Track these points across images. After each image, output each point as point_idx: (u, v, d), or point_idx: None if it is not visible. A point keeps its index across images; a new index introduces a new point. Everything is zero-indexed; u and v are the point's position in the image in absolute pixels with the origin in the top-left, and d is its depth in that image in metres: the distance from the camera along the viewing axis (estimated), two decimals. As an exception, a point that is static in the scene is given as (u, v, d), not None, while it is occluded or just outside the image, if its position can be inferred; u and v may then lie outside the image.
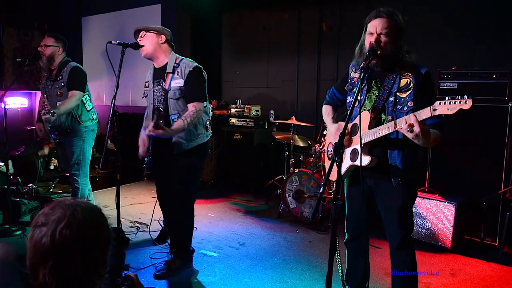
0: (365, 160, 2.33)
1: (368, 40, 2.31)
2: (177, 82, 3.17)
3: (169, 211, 3.53)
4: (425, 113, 2.04)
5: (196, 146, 3.29)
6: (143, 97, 3.46)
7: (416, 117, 2.04)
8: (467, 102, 1.90)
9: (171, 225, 3.51)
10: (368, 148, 2.38)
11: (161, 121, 3.15)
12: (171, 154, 3.24)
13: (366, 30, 2.36)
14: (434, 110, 2.00)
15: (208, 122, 3.39)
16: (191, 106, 3.15)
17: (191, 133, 3.24)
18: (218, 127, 6.25)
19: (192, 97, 3.17)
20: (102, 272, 1.24)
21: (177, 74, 3.19)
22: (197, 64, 3.25)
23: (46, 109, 4.03)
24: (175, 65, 3.23)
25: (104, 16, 7.57)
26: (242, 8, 6.73)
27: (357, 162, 2.35)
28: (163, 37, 3.26)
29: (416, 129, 2.02)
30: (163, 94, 3.24)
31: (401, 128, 2.12)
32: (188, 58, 3.31)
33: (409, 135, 2.07)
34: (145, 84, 3.43)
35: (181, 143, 3.22)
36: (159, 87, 3.28)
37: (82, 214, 1.20)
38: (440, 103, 1.98)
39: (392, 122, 2.22)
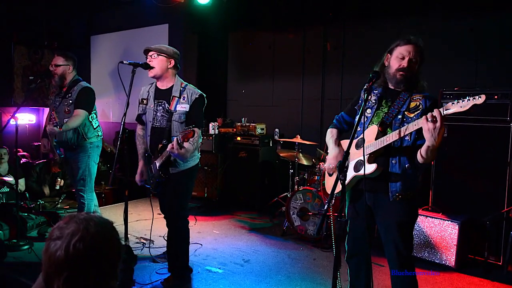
0: (370, 168, 2.40)
1: (398, 63, 2.46)
2: (183, 107, 3.33)
3: (168, 226, 3.58)
4: (452, 107, 2.11)
5: (191, 167, 3.45)
6: (142, 114, 3.52)
7: (441, 112, 2.13)
8: (480, 97, 1.99)
9: (170, 240, 3.56)
10: (373, 159, 2.45)
11: (165, 141, 3.29)
12: (168, 173, 3.39)
13: (392, 54, 2.51)
14: (447, 110, 2.11)
15: (200, 145, 3.58)
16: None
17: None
18: (224, 145, 6.32)
19: (196, 122, 3.32)
20: (113, 284, 1.29)
21: (183, 99, 3.34)
22: (201, 92, 3.42)
23: (54, 122, 4.14)
24: (181, 89, 3.37)
25: (113, 35, 7.73)
26: (248, 28, 6.88)
27: (361, 172, 2.40)
28: (173, 62, 3.38)
29: (438, 123, 2.12)
30: (166, 115, 3.36)
31: (425, 120, 2.16)
32: (190, 84, 3.47)
33: (428, 126, 2.14)
34: (142, 101, 3.51)
35: (179, 164, 3.37)
36: (161, 107, 3.39)
37: (95, 228, 1.25)
38: (452, 104, 2.10)
39: (397, 130, 2.33)
